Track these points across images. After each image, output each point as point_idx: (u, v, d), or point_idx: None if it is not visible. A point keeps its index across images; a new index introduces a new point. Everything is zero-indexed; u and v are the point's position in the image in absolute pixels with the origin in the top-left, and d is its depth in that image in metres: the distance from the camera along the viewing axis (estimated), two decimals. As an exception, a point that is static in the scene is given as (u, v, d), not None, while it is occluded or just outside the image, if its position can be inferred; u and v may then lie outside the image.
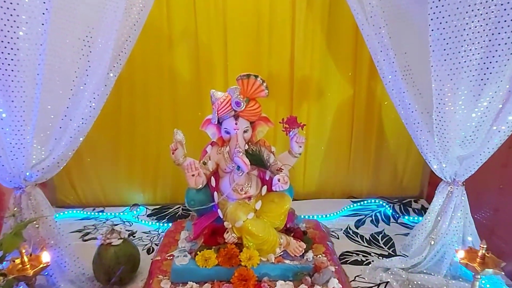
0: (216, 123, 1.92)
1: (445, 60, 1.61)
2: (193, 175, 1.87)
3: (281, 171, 1.92)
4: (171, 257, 1.97)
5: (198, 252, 1.87)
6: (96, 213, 2.91)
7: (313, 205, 2.90)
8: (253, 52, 2.67)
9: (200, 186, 1.93)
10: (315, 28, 2.63)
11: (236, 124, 1.88)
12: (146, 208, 2.96)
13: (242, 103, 1.84)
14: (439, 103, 1.68)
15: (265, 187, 1.97)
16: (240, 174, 1.93)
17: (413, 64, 1.92)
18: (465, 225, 1.96)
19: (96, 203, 3.03)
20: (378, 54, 1.91)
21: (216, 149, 2.01)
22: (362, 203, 2.93)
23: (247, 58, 2.67)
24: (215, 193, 1.99)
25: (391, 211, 2.81)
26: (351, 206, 2.88)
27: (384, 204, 2.91)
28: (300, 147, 2.01)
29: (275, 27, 2.62)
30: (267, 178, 1.98)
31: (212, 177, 2.00)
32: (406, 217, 2.72)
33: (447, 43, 1.58)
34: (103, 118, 2.69)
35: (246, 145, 1.92)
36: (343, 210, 2.83)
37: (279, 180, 1.82)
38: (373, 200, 2.94)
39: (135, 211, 2.92)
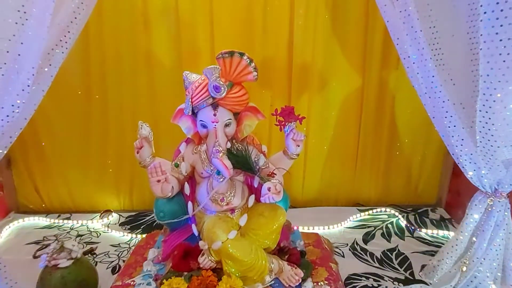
0: (190, 114, 1.48)
1: (496, 33, 1.17)
2: (158, 181, 1.43)
3: (273, 177, 1.49)
4: (133, 284, 1.53)
5: (164, 280, 1.43)
6: (61, 221, 2.48)
7: (314, 214, 2.47)
8: (244, 32, 2.24)
9: (169, 194, 1.49)
10: (319, 5, 2.20)
11: (214, 115, 1.44)
12: (120, 215, 2.54)
13: (222, 88, 1.40)
14: (487, 90, 1.23)
15: (252, 197, 1.54)
16: (221, 180, 1.50)
17: (444, 42, 1.48)
18: (508, 249, 1.52)
19: (63, 208, 2.62)
20: (400, 27, 1.46)
21: (191, 148, 1.58)
22: (370, 212, 2.50)
23: (237, 39, 2.24)
24: (190, 203, 1.55)
25: (405, 222, 2.37)
26: (358, 215, 2.45)
27: (397, 213, 2.47)
28: (298, 146, 1.57)
29: (271, 3, 2.19)
30: (256, 186, 1.55)
31: (186, 183, 1.57)
32: (424, 230, 2.28)
33: (502, 9, 1.14)
34: (70, 109, 2.36)
35: (229, 142, 1.49)
36: (348, 220, 2.40)
37: (269, 189, 1.38)
38: (383, 209, 2.52)
39: (106, 219, 2.49)
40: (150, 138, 1.59)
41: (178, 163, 1.57)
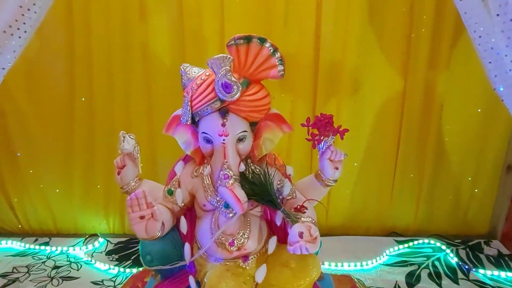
0: (189, 123, 1.06)
1: None
2: (141, 218, 1.01)
3: (304, 213, 1.06)
4: None
5: None
6: (38, 247, 2.07)
7: (341, 245, 2.04)
8: (261, 23, 1.85)
9: (158, 234, 1.06)
10: (353, -11, 1.80)
11: (223, 125, 1.02)
12: (108, 241, 2.12)
13: (234, 87, 0.99)
14: None
15: (274, 240, 1.10)
16: (231, 215, 1.07)
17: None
18: None
19: (43, 230, 2.24)
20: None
21: (190, 169, 1.15)
22: (411, 244, 2.05)
23: (252, 31, 1.74)
24: (187, 245, 1.13)
25: (455, 259, 1.92)
26: (396, 248, 2.01)
27: (443, 246, 2.02)
28: (337, 169, 1.14)
29: (294, -14, 1.79)
30: (279, 223, 1.11)
31: (183, 217, 1.14)
32: (481, 271, 1.82)
33: None
34: (50, 114, 2.00)
35: (242, 164, 1.07)
36: (385, 254, 1.95)
37: (301, 235, 0.95)
38: (426, 241, 2.07)
39: (91, 245, 2.07)
40: (136, 154, 1.18)
41: (172, 189, 1.14)
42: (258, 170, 1.11)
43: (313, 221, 1.05)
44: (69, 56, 1.92)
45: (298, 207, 1.08)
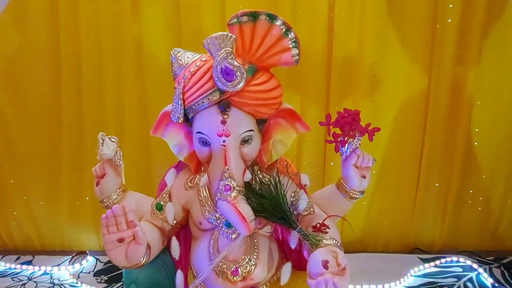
0: (181, 121, 0.85)
1: None
2: (120, 241, 0.79)
3: (325, 232, 0.85)
4: None
5: None
6: (19, 266, 1.86)
7: (358, 264, 1.80)
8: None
9: (142, 261, 0.84)
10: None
11: (223, 123, 0.81)
12: (97, 259, 1.89)
13: (237, 74, 0.78)
14: None
15: (288, 267, 0.88)
16: (233, 237, 0.86)
17: None
18: None
19: (27, 247, 2.01)
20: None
21: (184, 179, 0.94)
22: (438, 262, 1.80)
23: None
24: (180, 273, 0.91)
25: (490, 280, 1.68)
26: (421, 267, 1.77)
27: (474, 265, 1.78)
28: (364, 177, 0.93)
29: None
30: (294, 246, 0.89)
31: (175, 238, 0.92)
32: (521, 294, 1.58)
33: None
34: (34, 120, 1.79)
35: (248, 172, 0.85)
36: (409, 275, 1.71)
37: (325, 265, 0.73)
38: (455, 259, 1.83)
39: (78, 264, 1.85)
40: (118, 160, 0.97)
41: (161, 203, 0.94)
42: (267, 180, 0.90)
43: (338, 244, 0.83)
44: (55, 57, 1.74)
45: (318, 225, 0.87)
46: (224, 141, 0.81)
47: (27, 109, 1.80)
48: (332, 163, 1.77)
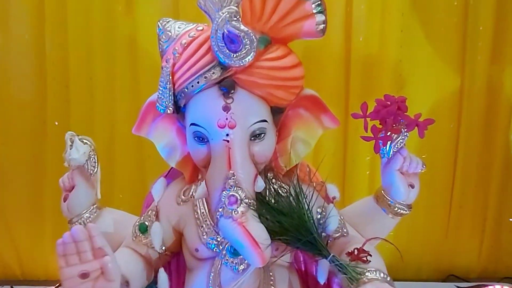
0: (170, 111, 0.64)
1: None
2: (83, 276, 0.56)
3: (365, 260, 0.61)
4: None
5: None
6: (-6, 299, 1.64)
7: (385, 293, 1.53)
8: None
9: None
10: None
11: (226, 109, 0.59)
12: (84, 289, 1.65)
13: (246, 41, 0.56)
14: None
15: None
16: (241, 269, 0.62)
17: None
18: None
19: (7, 275, 1.78)
20: None
21: (176, 191, 0.71)
22: (477, 291, 1.56)
23: None
24: None
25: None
26: (459, 298, 1.53)
27: (520, 295, 1.53)
28: (412, 187, 0.71)
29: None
30: (324, 280, 0.66)
31: (162, 270, 0.69)
32: None
33: None
34: (14, 127, 1.60)
35: (260, 179, 0.63)
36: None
37: None
38: (496, 286, 1.59)
39: (62, 296, 1.61)
40: (91, 168, 0.76)
41: (146, 224, 0.71)
42: (285, 191, 0.67)
43: (387, 279, 0.60)
44: (39, 56, 1.57)
45: (356, 252, 0.63)
46: (227, 135, 0.59)
47: (8, 118, 1.62)
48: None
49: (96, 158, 0.76)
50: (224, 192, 0.59)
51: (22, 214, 1.72)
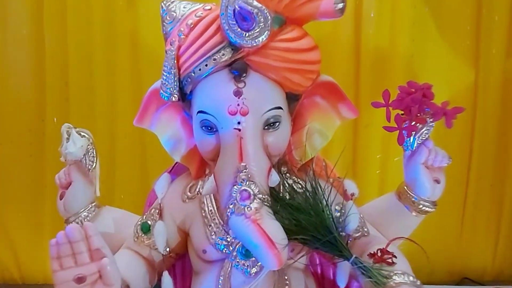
0: (175, 99, 0.58)
1: None
2: (79, 281, 0.51)
3: (390, 262, 0.56)
4: None
5: None
6: (-9, 303, 1.58)
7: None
8: None
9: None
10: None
11: (237, 95, 0.53)
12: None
13: (259, 18, 0.51)
14: None
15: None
16: (253, 272, 0.57)
17: None
18: None
19: (5, 279, 1.73)
20: None
21: (181, 187, 0.65)
22: (493, 296, 1.50)
23: None
24: None
25: None
26: (474, 302, 1.47)
27: (541, 299, 1.47)
28: (438, 182, 0.65)
29: None
30: (343, 285, 0.60)
31: (166, 273, 0.63)
32: None
33: None
34: (12, 126, 1.56)
35: (274, 171, 0.57)
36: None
37: None
38: None
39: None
40: (89, 163, 0.70)
41: (148, 223, 0.66)
42: (301, 187, 0.62)
43: (417, 283, 0.54)
44: (38, 53, 1.52)
45: (379, 253, 0.58)
46: (239, 123, 0.54)
47: (5, 116, 1.57)
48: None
49: (94, 152, 0.71)
50: (235, 187, 0.54)
51: (20, 215, 1.67)
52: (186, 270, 0.70)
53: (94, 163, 0.70)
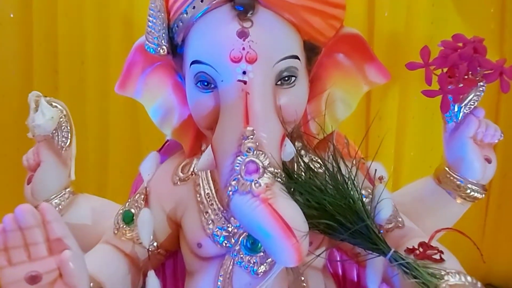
0: (163, 52, 0.46)
1: None
2: (33, 281, 0.38)
3: (439, 259, 0.43)
4: None
5: None
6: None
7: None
8: None
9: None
10: None
11: (242, 36, 0.40)
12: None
13: None
14: None
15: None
16: (261, 270, 0.44)
17: None
18: None
19: None
20: None
21: (171, 168, 0.52)
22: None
23: None
24: None
25: None
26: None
27: None
28: (489, 162, 0.52)
29: None
30: (375, 287, 0.47)
31: (152, 273, 0.50)
32: None
33: None
34: (1, 118, 1.57)
35: (288, 141, 0.45)
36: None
37: None
38: None
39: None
40: (63, 140, 0.59)
41: (132, 212, 0.53)
42: (319, 166, 0.49)
43: (477, 284, 0.42)
44: (24, 37, 1.42)
45: (420, 248, 0.45)
46: (244, 73, 0.41)
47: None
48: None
49: (69, 129, 0.59)
50: (238, 158, 0.41)
51: (4, 212, 1.60)
52: (178, 271, 0.57)
53: (68, 140, 0.58)
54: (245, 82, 0.42)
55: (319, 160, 0.50)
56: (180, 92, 0.53)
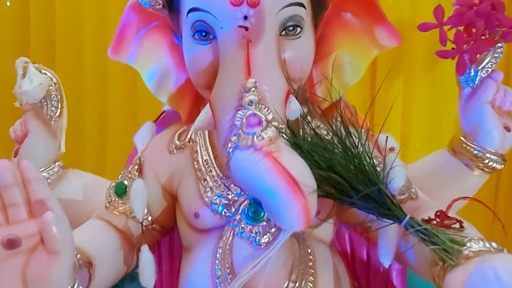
0: (159, 5, 0.43)
1: None
2: (10, 245, 0.34)
3: (460, 227, 0.39)
4: None
5: None
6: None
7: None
8: None
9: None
10: None
11: None
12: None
13: None
14: None
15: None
16: (264, 241, 0.40)
17: None
18: None
19: None
20: None
21: (167, 137, 0.49)
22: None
23: None
24: None
25: None
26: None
27: None
28: (508, 130, 0.48)
29: None
30: (388, 263, 0.43)
31: (146, 248, 0.46)
32: None
33: None
34: None
35: (293, 98, 0.41)
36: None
37: None
38: None
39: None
40: (52, 110, 0.55)
41: (125, 183, 0.49)
42: (325, 134, 0.46)
43: (503, 250, 0.38)
44: (21, 27, 1.39)
45: (438, 218, 0.42)
46: (246, 18, 0.38)
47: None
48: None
49: (59, 98, 0.55)
50: (239, 112, 0.38)
51: None
52: (174, 249, 0.53)
53: (58, 110, 0.54)
54: (246, 28, 0.39)
55: (326, 127, 0.46)
56: (177, 54, 0.49)
